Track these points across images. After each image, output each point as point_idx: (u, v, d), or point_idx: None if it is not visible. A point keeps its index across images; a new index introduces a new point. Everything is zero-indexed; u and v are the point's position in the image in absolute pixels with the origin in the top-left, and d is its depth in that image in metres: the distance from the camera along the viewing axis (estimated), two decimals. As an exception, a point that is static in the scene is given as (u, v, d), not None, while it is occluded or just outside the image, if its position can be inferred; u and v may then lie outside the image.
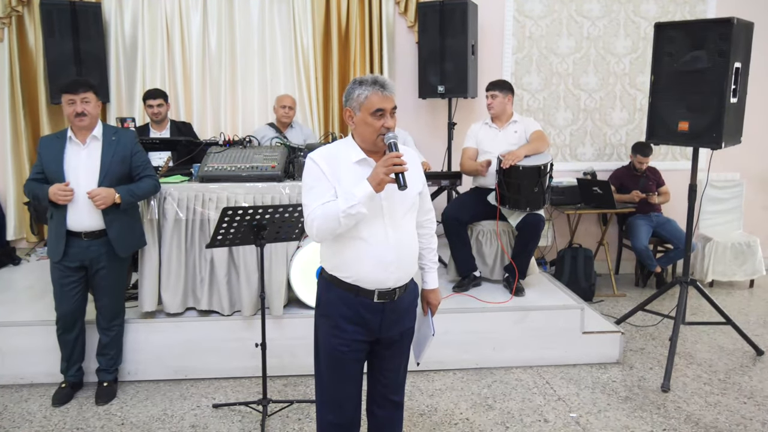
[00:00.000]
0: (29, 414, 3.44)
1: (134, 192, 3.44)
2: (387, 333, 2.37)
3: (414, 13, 5.75)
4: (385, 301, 2.31)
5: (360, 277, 2.28)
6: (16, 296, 4.34)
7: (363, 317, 2.31)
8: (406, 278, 2.34)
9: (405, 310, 2.40)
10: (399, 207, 2.27)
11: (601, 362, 4.08)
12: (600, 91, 6.08)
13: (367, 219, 2.21)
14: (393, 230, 2.26)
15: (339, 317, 2.33)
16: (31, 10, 5.47)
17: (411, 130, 5.62)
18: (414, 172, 2.29)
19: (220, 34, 5.69)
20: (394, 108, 2.23)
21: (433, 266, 2.55)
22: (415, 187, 2.30)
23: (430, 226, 2.51)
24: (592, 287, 5.42)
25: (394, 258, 2.26)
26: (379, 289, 2.29)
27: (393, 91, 2.22)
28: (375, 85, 2.19)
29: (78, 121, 3.32)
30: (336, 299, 2.33)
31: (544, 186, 4.29)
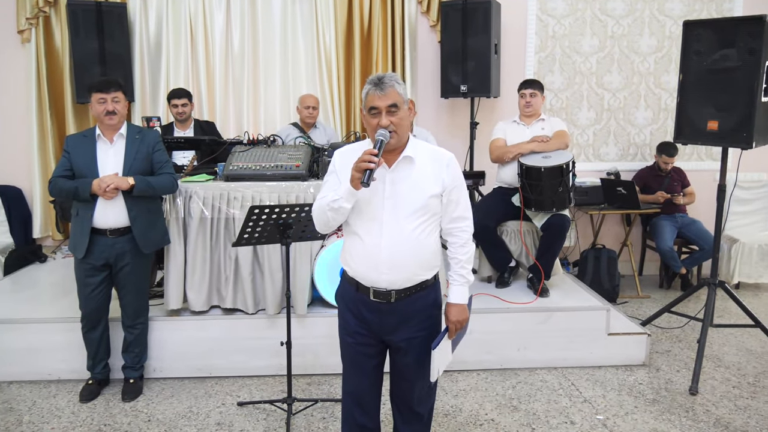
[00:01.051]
0: (57, 409, 3.48)
1: (150, 183, 3.45)
2: (389, 336, 2.35)
3: (436, 12, 5.73)
4: (380, 301, 2.29)
5: (357, 273, 2.31)
6: (43, 293, 4.39)
7: (362, 313, 2.33)
8: (403, 282, 2.27)
9: (409, 316, 2.32)
10: (404, 208, 2.22)
11: (626, 364, 4.04)
12: (624, 91, 6.02)
13: (366, 217, 2.24)
14: (390, 230, 2.22)
15: (345, 309, 2.40)
16: (58, 10, 5.53)
17: (432, 130, 5.60)
18: (432, 173, 2.26)
19: (242, 33, 5.72)
20: (392, 105, 2.17)
21: (458, 279, 2.36)
22: (427, 190, 2.24)
23: (458, 234, 2.35)
24: (616, 288, 5.37)
25: (387, 258, 2.22)
26: (374, 287, 2.28)
27: (390, 89, 2.17)
28: (372, 83, 2.19)
29: (108, 120, 3.36)
30: (343, 291, 2.42)
31: (568, 185, 4.26)
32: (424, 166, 2.26)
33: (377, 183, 2.19)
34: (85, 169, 3.36)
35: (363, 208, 2.24)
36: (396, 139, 2.19)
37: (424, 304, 2.35)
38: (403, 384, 2.44)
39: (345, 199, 2.18)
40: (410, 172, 2.24)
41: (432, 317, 2.39)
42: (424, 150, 2.30)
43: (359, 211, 2.26)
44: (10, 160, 5.60)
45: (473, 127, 5.68)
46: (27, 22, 5.45)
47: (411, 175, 2.24)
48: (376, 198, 2.22)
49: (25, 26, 5.46)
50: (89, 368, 3.66)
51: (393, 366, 2.45)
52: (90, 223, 3.37)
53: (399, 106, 2.18)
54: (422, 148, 2.29)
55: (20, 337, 3.80)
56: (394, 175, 2.24)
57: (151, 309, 3.98)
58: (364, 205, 2.24)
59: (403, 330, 2.33)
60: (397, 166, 2.24)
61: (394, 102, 2.17)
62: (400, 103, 2.19)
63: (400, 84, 2.21)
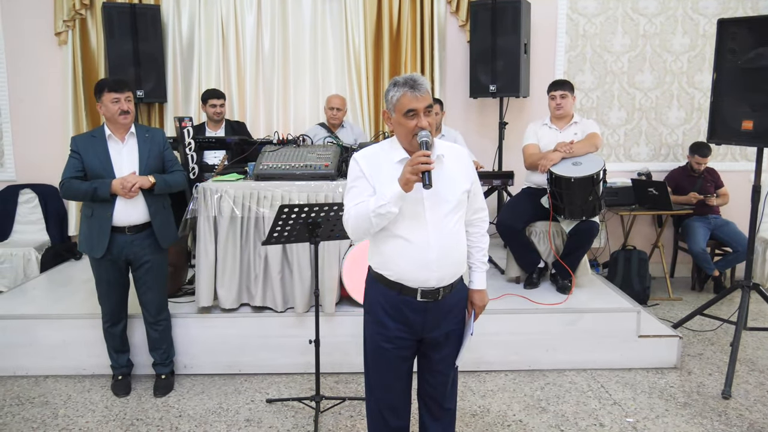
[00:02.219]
0: (92, 404, 3.56)
1: (167, 180, 3.53)
2: (430, 333, 2.36)
3: (466, 12, 5.72)
4: (428, 301, 2.29)
5: (402, 276, 2.28)
6: (77, 290, 4.48)
7: (406, 315, 2.31)
8: (450, 278, 2.31)
9: (449, 310, 2.37)
10: (442, 206, 2.24)
11: (657, 367, 3.99)
12: (656, 90, 5.94)
13: (408, 218, 2.22)
14: (435, 229, 2.23)
15: (383, 314, 2.35)
16: (94, 12, 5.65)
17: (461, 130, 5.59)
18: (460, 170, 2.30)
19: (273, 34, 5.77)
20: (429, 106, 2.19)
21: (481, 266, 2.47)
22: (460, 186, 2.28)
23: (480, 224, 2.44)
24: (647, 290, 5.30)
25: (436, 257, 2.24)
26: (422, 287, 2.28)
27: (426, 90, 2.18)
28: (406, 85, 2.17)
29: (122, 119, 3.41)
30: (380, 296, 2.35)
31: (598, 193, 4.20)
32: (452, 164, 2.28)
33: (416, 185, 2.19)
34: (101, 169, 3.39)
35: (404, 210, 2.22)
36: (432, 139, 2.22)
37: (461, 296, 2.41)
38: (438, 378, 2.45)
39: (393, 203, 2.14)
40: (442, 170, 2.24)
41: (464, 308, 2.46)
42: (446, 148, 2.32)
43: (400, 213, 2.22)
44: (48, 160, 5.72)
45: (502, 127, 5.66)
46: (64, 24, 5.58)
47: (443, 172, 2.24)
48: (415, 198, 2.21)
49: (62, 28, 5.59)
50: (114, 364, 3.73)
51: (426, 363, 2.45)
52: (110, 222, 3.40)
53: (433, 107, 2.23)
54: (444, 147, 2.32)
55: (56, 332, 3.90)
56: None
57: (182, 306, 4.07)
58: (404, 206, 2.21)
59: (444, 324, 2.36)
60: None
61: (429, 103, 2.19)
62: (432, 104, 2.23)
63: (428, 85, 2.24)
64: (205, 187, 3.85)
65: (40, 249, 5.42)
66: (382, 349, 2.37)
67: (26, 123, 5.80)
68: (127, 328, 3.75)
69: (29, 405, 3.55)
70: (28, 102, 5.77)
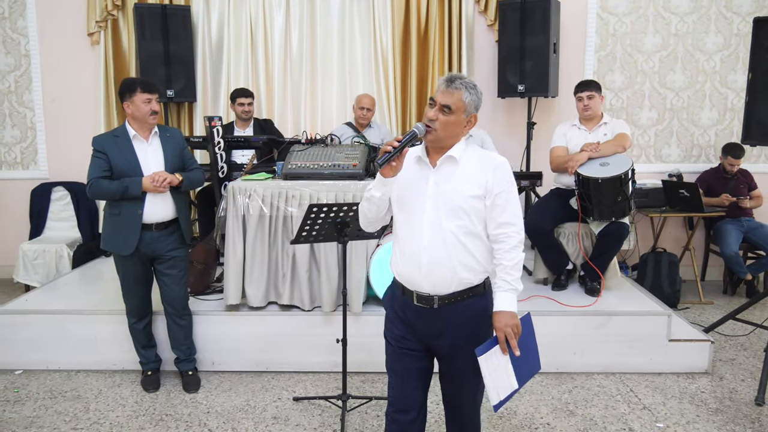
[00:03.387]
0: (122, 398, 3.62)
1: (190, 178, 3.61)
2: (435, 341, 2.27)
3: (494, 11, 5.69)
4: (424, 306, 2.22)
5: (402, 276, 2.28)
6: (108, 286, 4.54)
7: (408, 317, 2.28)
8: (445, 287, 2.19)
9: (455, 322, 2.23)
10: (445, 208, 2.16)
11: (688, 372, 3.92)
12: (687, 90, 5.85)
13: (409, 218, 2.20)
14: (431, 231, 2.16)
15: (392, 312, 2.36)
16: (125, 13, 5.74)
17: (489, 130, 5.56)
18: (475, 176, 2.17)
19: (301, 34, 5.80)
20: (446, 106, 2.11)
21: (503, 285, 2.19)
22: (467, 191, 2.16)
23: (505, 240, 2.19)
24: (677, 294, 5.22)
25: (427, 261, 2.16)
26: (417, 291, 2.23)
27: (456, 90, 2.11)
28: (445, 78, 2.17)
29: (152, 119, 3.47)
30: (391, 294, 2.38)
31: (627, 193, 4.14)
32: (467, 167, 2.18)
33: (420, 183, 2.19)
34: (128, 169, 3.43)
35: (406, 209, 2.21)
36: (433, 136, 2.14)
37: (473, 311, 2.24)
38: (452, 390, 2.40)
39: (375, 187, 2.19)
40: (453, 172, 2.18)
41: (482, 327, 2.25)
42: (474, 154, 2.23)
43: (403, 211, 2.23)
44: (80, 158, 5.75)
45: (530, 127, 5.61)
46: (96, 24, 5.67)
47: (454, 175, 2.17)
48: (418, 198, 2.18)
49: (95, 29, 5.69)
50: (143, 360, 3.78)
51: (441, 372, 2.39)
52: (140, 220, 3.45)
53: (454, 110, 2.11)
54: (472, 152, 2.23)
55: (87, 327, 3.97)
56: (438, 175, 2.19)
57: (211, 303, 4.12)
58: (407, 205, 2.21)
59: (449, 337, 2.24)
60: (440, 165, 2.19)
61: (449, 103, 2.11)
62: (456, 108, 2.12)
63: (471, 92, 2.14)
64: (234, 186, 3.88)
65: (71, 246, 5.51)
66: (390, 345, 2.37)
67: (59, 122, 5.90)
68: (151, 323, 3.79)
69: (62, 399, 3.61)
70: (60, 101, 5.88)
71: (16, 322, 3.99)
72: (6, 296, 5.25)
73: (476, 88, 2.17)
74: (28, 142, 5.96)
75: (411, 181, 2.21)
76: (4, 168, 6.00)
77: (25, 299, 4.35)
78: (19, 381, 3.84)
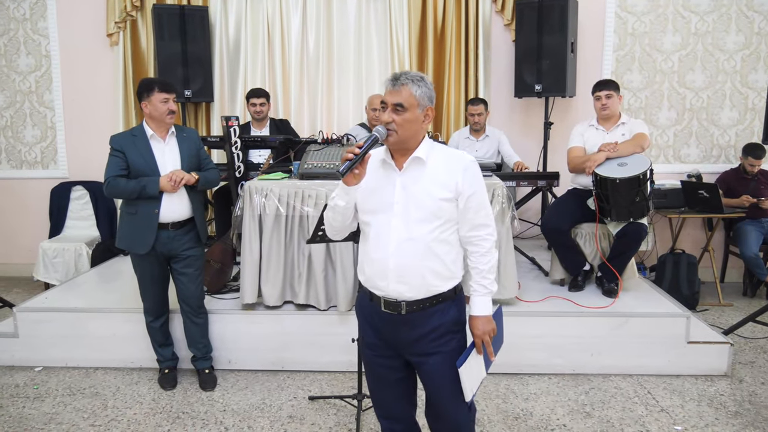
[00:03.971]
0: (139, 396, 3.65)
1: (206, 177, 3.63)
2: (406, 350, 2.19)
3: (511, 11, 5.67)
4: (392, 313, 2.14)
5: (368, 282, 2.18)
6: (126, 285, 4.57)
7: (377, 324, 2.20)
8: (413, 293, 2.10)
9: (424, 331, 2.13)
10: (412, 213, 2.06)
11: (707, 374, 3.88)
12: (707, 90, 5.79)
13: (376, 221, 2.11)
14: (399, 236, 2.07)
15: (362, 319, 2.28)
16: (144, 14, 5.79)
17: (505, 130, 5.55)
18: (444, 177, 2.08)
19: (318, 34, 5.82)
20: (399, 105, 2.02)
21: (480, 290, 2.16)
22: (436, 193, 2.06)
23: (479, 243, 2.14)
24: (696, 295, 5.16)
25: (394, 266, 2.08)
26: (384, 297, 2.14)
27: (402, 87, 2.02)
28: (391, 77, 2.07)
29: (169, 119, 3.50)
30: (361, 301, 2.29)
31: (645, 193, 4.10)
32: (436, 168, 2.09)
33: (387, 187, 2.10)
34: (145, 168, 3.45)
35: (373, 213, 2.12)
36: (395, 138, 2.04)
37: (443, 319, 2.15)
38: (431, 400, 2.29)
39: (339, 195, 2.11)
40: (421, 175, 2.08)
41: (453, 334, 2.18)
42: (441, 153, 2.13)
43: (370, 216, 2.14)
44: (98, 157, 5.79)
45: (547, 127, 5.59)
46: (115, 25, 5.73)
47: (422, 177, 2.08)
48: (385, 203, 2.09)
49: (114, 30, 5.75)
50: (160, 358, 3.81)
51: (421, 381, 2.28)
52: (157, 219, 3.47)
53: (407, 107, 2.02)
54: (439, 151, 2.13)
55: (105, 325, 4.01)
56: (405, 178, 2.09)
57: (227, 302, 4.13)
58: (374, 209, 2.12)
59: (420, 345, 2.16)
60: (407, 168, 2.09)
61: (401, 101, 2.01)
62: (409, 105, 2.02)
63: (420, 85, 2.05)
64: (250, 186, 3.90)
65: (90, 244, 5.57)
66: (366, 354, 2.29)
67: (78, 122, 5.97)
68: (168, 322, 3.82)
69: (80, 395, 3.65)
70: (80, 101, 5.94)
71: (36, 319, 4.04)
72: (26, 294, 5.33)
73: (424, 79, 2.07)
74: (48, 142, 6.04)
75: (377, 185, 2.12)
76: (25, 167, 6.08)
77: (44, 297, 4.40)
78: (39, 378, 3.89)
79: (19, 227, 6.11)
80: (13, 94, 5.98)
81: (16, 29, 5.89)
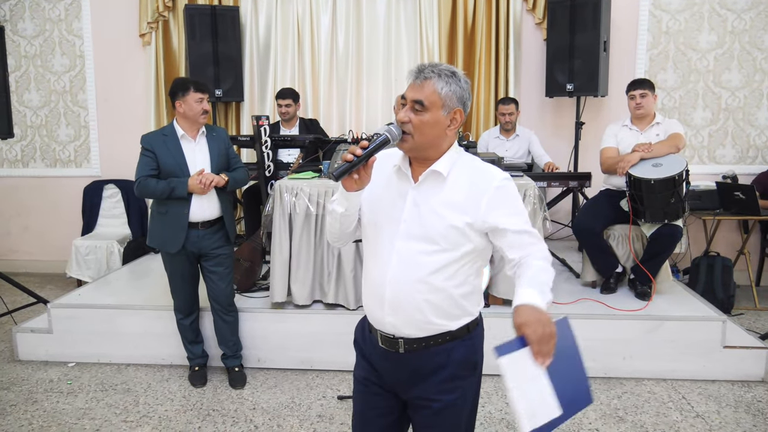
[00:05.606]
0: (170, 393, 3.68)
1: (234, 177, 3.66)
2: (406, 393, 1.85)
3: (543, 9, 5.61)
4: (388, 349, 1.80)
5: (367, 310, 1.88)
6: (157, 282, 4.62)
7: (373, 359, 1.87)
8: (412, 330, 1.76)
9: (425, 373, 1.79)
10: (419, 235, 1.72)
11: (743, 380, 3.79)
12: (744, 89, 5.66)
13: (378, 241, 1.77)
14: (400, 262, 1.73)
15: (358, 349, 1.96)
16: (176, 14, 5.85)
17: (536, 130, 5.49)
18: (464, 198, 1.71)
19: (347, 34, 5.82)
20: (418, 102, 1.67)
21: (526, 282, 1.68)
22: (448, 219, 1.70)
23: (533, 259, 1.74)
24: (731, 299, 5.05)
25: (391, 297, 1.74)
26: (381, 331, 1.81)
27: (427, 81, 1.67)
28: (414, 68, 1.73)
29: (202, 119, 3.53)
30: (359, 329, 1.97)
31: (681, 195, 4.02)
32: (457, 186, 1.72)
33: (397, 201, 1.76)
34: (175, 167, 3.47)
35: (377, 227, 1.79)
36: (411, 144, 1.69)
37: (448, 360, 1.78)
38: None
39: (338, 201, 1.79)
40: (437, 192, 1.73)
41: (460, 380, 1.81)
42: (467, 168, 1.75)
43: (372, 229, 1.81)
44: (130, 156, 5.84)
45: (579, 127, 5.51)
46: (148, 26, 5.80)
47: (438, 195, 1.72)
48: (392, 219, 1.75)
49: (146, 30, 5.82)
50: (190, 355, 3.84)
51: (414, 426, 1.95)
52: (187, 219, 3.49)
53: (428, 106, 1.66)
54: (466, 165, 1.76)
55: (137, 322, 4.05)
56: (418, 194, 1.74)
57: (256, 301, 4.15)
58: (379, 223, 1.78)
59: (420, 388, 1.81)
60: (423, 182, 1.74)
61: (421, 98, 1.66)
62: (431, 103, 1.67)
63: (449, 82, 1.68)
64: (280, 185, 3.91)
65: (122, 242, 5.64)
66: (356, 389, 1.96)
67: (110, 121, 6.06)
68: (198, 320, 3.85)
69: (112, 391, 3.69)
70: (112, 101, 6.03)
71: (69, 315, 4.10)
72: (60, 290, 5.42)
73: (456, 75, 1.70)
74: (82, 141, 6.13)
75: (386, 197, 1.78)
76: (59, 166, 6.18)
77: (77, 294, 4.47)
78: (72, 373, 3.95)
79: (52, 225, 6.22)
80: (48, 94, 6.09)
81: (52, 30, 5.99)
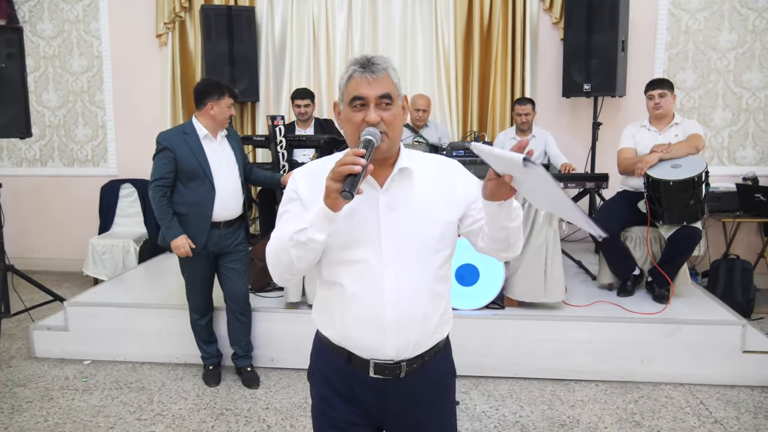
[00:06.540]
0: (184, 391, 3.69)
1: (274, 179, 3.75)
2: (394, 421, 1.71)
3: (560, 9, 5.56)
4: (386, 378, 1.62)
5: (348, 341, 1.63)
6: (172, 281, 4.64)
7: (356, 395, 1.66)
8: (416, 348, 1.63)
9: (420, 392, 1.68)
10: (412, 242, 1.57)
11: (764, 385, 3.72)
12: (765, 89, 5.56)
13: (354, 257, 1.57)
14: (396, 277, 1.57)
15: (328, 389, 1.69)
16: (192, 15, 5.88)
17: (552, 130, 5.44)
18: (440, 192, 1.62)
19: (363, 34, 5.82)
20: (385, 96, 1.53)
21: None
22: (438, 216, 1.60)
23: None
24: (751, 303, 4.97)
25: (395, 318, 1.57)
26: (376, 359, 1.61)
27: (383, 73, 1.54)
28: (356, 63, 1.56)
29: (227, 123, 3.59)
30: (325, 365, 1.71)
31: (700, 196, 3.96)
32: (425, 181, 1.62)
33: (366, 211, 1.57)
34: (197, 168, 3.44)
35: (352, 248, 1.57)
36: (387, 144, 1.54)
37: (441, 370, 1.73)
38: None
39: (317, 227, 1.47)
40: (410, 191, 1.60)
41: (448, 389, 1.77)
42: (424, 161, 1.66)
43: (346, 252, 1.58)
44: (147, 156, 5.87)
45: (596, 127, 5.46)
46: (165, 26, 5.83)
47: (412, 194, 1.60)
48: (367, 231, 1.56)
49: (163, 30, 5.85)
50: (204, 355, 3.84)
51: None
52: (210, 219, 3.49)
53: (393, 98, 1.55)
54: (419, 158, 1.66)
55: (152, 321, 4.07)
56: (390, 197, 1.58)
57: (271, 301, 4.14)
58: (352, 243, 1.57)
59: (412, 413, 1.69)
60: (390, 184, 1.59)
61: (387, 92, 1.53)
62: (395, 96, 1.55)
63: (395, 70, 1.58)
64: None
65: (138, 241, 5.67)
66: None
67: (127, 121, 6.10)
68: (213, 320, 3.85)
69: (127, 389, 3.71)
70: (129, 101, 6.07)
71: (85, 313, 4.13)
72: (76, 289, 5.46)
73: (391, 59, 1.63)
74: (99, 140, 6.18)
75: (352, 210, 1.55)
76: (76, 165, 6.24)
77: (93, 292, 4.49)
78: (88, 371, 3.97)
79: (70, 223, 6.27)
80: (66, 94, 6.15)
81: (70, 31, 6.04)
